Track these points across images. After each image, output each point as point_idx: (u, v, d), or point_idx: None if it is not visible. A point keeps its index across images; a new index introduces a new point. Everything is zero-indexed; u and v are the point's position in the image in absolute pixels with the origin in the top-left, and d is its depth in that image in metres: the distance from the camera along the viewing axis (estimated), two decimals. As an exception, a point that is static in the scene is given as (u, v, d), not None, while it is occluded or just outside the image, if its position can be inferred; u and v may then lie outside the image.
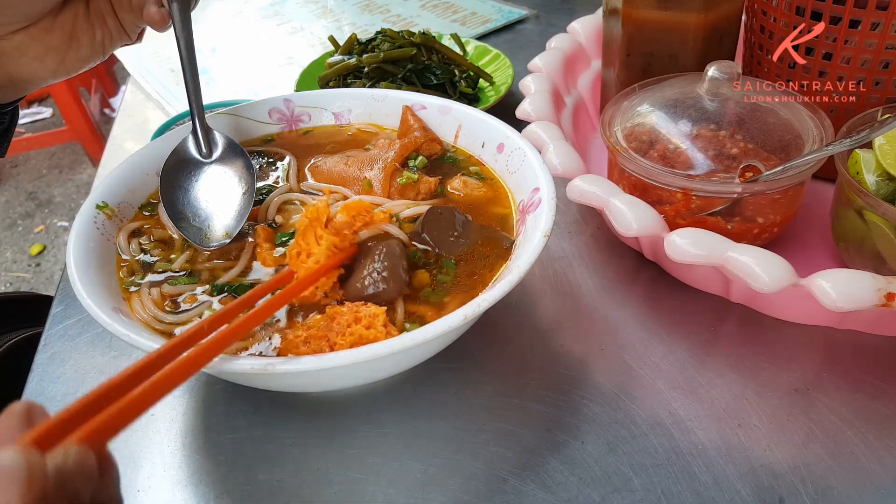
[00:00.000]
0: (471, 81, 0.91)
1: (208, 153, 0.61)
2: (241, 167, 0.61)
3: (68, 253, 0.51)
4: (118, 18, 0.60)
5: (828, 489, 0.45)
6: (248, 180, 0.60)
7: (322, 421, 0.52)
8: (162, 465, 0.49)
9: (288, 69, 1.08)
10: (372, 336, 0.46)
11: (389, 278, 0.51)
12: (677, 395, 0.52)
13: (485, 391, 0.53)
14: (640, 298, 0.61)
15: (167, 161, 0.60)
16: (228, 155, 0.62)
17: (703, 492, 0.45)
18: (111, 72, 2.99)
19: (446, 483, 0.47)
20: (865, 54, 0.61)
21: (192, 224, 0.57)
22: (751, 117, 0.60)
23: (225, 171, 0.61)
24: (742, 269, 0.49)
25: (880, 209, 0.51)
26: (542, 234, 0.49)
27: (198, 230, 0.57)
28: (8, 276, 2.25)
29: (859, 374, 0.52)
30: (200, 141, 0.61)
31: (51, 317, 0.63)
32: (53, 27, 0.57)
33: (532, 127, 0.65)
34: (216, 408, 0.53)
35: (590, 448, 0.48)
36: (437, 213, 0.57)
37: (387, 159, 0.62)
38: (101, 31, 0.59)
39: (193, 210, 0.58)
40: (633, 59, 0.72)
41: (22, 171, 2.73)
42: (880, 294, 0.46)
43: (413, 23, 1.21)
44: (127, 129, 0.99)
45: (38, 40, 0.56)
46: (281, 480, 0.48)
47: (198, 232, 0.57)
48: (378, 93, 0.71)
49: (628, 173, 0.60)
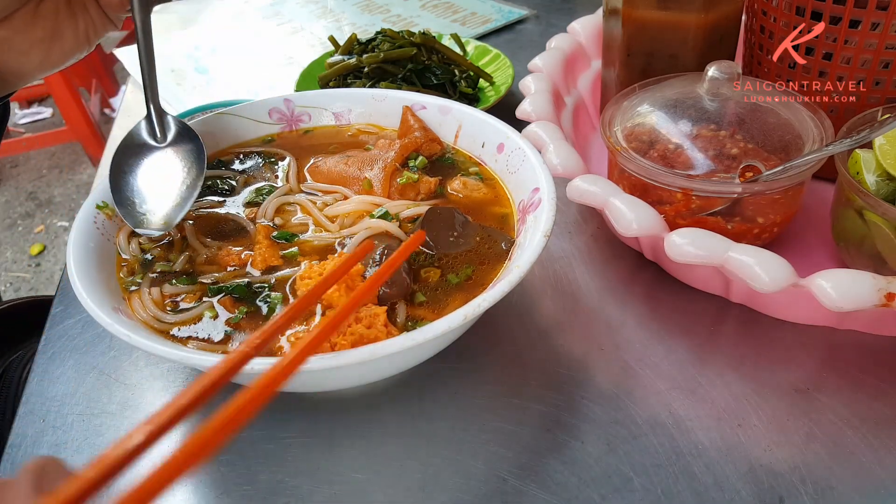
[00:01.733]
0: (471, 81, 0.91)
1: (162, 138, 0.61)
2: (191, 153, 0.60)
3: (68, 253, 0.51)
4: (100, 5, 0.59)
5: (828, 489, 0.45)
6: (198, 167, 0.59)
7: (322, 421, 0.52)
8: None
9: (288, 69, 1.08)
10: (373, 336, 0.46)
11: (392, 282, 0.50)
12: (677, 395, 0.52)
13: (485, 391, 0.53)
14: (640, 298, 0.61)
15: (119, 144, 0.59)
16: (181, 140, 0.60)
17: (703, 492, 0.45)
18: (111, 72, 2.99)
19: (446, 483, 0.47)
20: (865, 54, 0.61)
21: (138, 210, 0.57)
22: (751, 117, 0.60)
23: (175, 157, 0.60)
24: (742, 269, 0.49)
25: (880, 209, 0.51)
26: (542, 234, 0.49)
27: (140, 216, 0.56)
28: (8, 276, 2.26)
29: (859, 375, 0.52)
30: (154, 124, 0.60)
31: (51, 317, 0.63)
32: (35, 20, 0.56)
33: (532, 127, 0.65)
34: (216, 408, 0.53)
35: (590, 448, 0.48)
36: (436, 214, 0.57)
37: (387, 159, 0.62)
38: (84, 22, 0.59)
39: (139, 195, 0.57)
40: (633, 59, 0.72)
41: (22, 171, 2.73)
42: (880, 294, 0.46)
43: (413, 23, 1.21)
44: (127, 129, 0.98)
45: (21, 34, 0.56)
46: (281, 480, 0.48)
47: (140, 217, 0.56)
48: (378, 93, 0.71)
49: (628, 173, 0.60)
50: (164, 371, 0.56)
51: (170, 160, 0.60)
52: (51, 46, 0.57)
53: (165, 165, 0.59)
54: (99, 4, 0.59)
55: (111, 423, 0.53)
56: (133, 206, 0.57)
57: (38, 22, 0.56)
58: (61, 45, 0.58)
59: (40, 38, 0.57)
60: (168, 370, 0.56)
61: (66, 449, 0.51)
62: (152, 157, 0.60)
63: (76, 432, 0.52)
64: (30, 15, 0.56)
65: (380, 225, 0.56)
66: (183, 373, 0.56)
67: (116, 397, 0.55)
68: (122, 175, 0.58)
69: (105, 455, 0.24)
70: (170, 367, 0.57)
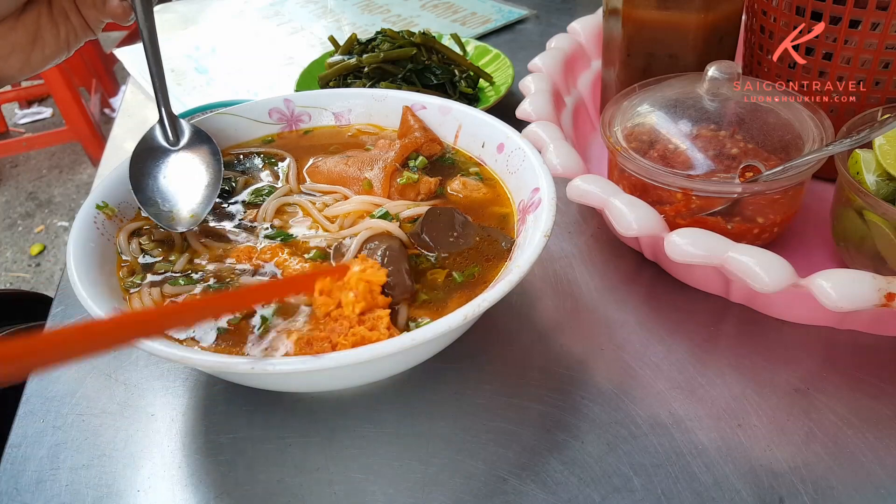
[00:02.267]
0: (471, 81, 0.91)
1: (175, 141, 0.63)
2: (208, 154, 0.62)
3: (68, 253, 0.51)
4: (81, 15, 0.60)
5: (828, 489, 0.45)
6: (215, 166, 0.62)
7: (322, 421, 0.52)
8: (162, 465, 0.49)
9: (288, 69, 1.08)
10: (374, 337, 0.46)
11: (394, 284, 0.50)
12: (677, 395, 0.52)
13: (485, 391, 0.53)
14: (640, 298, 0.61)
15: (136, 148, 0.61)
16: (195, 142, 0.63)
17: (703, 492, 0.45)
18: (111, 72, 2.99)
19: (446, 483, 0.47)
20: (865, 54, 0.61)
21: (162, 209, 0.59)
22: (751, 117, 0.60)
23: (192, 158, 0.62)
24: (742, 269, 0.49)
25: (880, 209, 0.51)
26: (542, 234, 0.49)
27: (167, 214, 0.58)
28: (8, 276, 2.26)
29: (859, 374, 0.52)
30: (167, 129, 0.62)
31: (51, 317, 0.63)
32: (17, 26, 0.57)
33: (532, 127, 0.65)
34: (216, 408, 0.53)
35: (590, 448, 0.48)
36: (436, 214, 0.57)
37: (387, 159, 0.62)
38: (65, 29, 0.59)
39: (162, 195, 0.60)
40: (633, 59, 0.72)
41: (22, 171, 2.73)
42: (880, 294, 0.46)
43: (413, 23, 1.21)
44: (127, 129, 0.99)
45: (2, 38, 0.56)
46: (281, 480, 0.48)
47: (167, 216, 0.58)
48: (378, 93, 0.71)
49: (628, 173, 0.60)
50: (164, 371, 0.56)
51: (188, 161, 0.62)
52: (31, 51, 0.58)
53: (184, 167, 0.62)
54: (80, 12, 0.60)
55: (111, 423, 0.53)
56: (157, 205, 0.59)
57: (18, 28, 0.57)
58: (41, 50, 0.58)
59: (21, 43, 0.57)
60: (168, 370, 0.56)
61: (66, 449, 0.51)
62: (170, 160, 0.62)
63: (76, 432, 0.52)
64: (11, 21, 0.56)
65: (380, 224, 0.56)
66: (183, 373, 0.56)
67: (116, 397, 0.55)
68: (142, 178, 0.60)
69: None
70: (170, 367, 0.57)
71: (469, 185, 0.62)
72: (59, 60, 0.61)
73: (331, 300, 0.48)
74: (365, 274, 0.49)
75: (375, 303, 0.49)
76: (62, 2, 0.59)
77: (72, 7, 0.59)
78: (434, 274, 0.53)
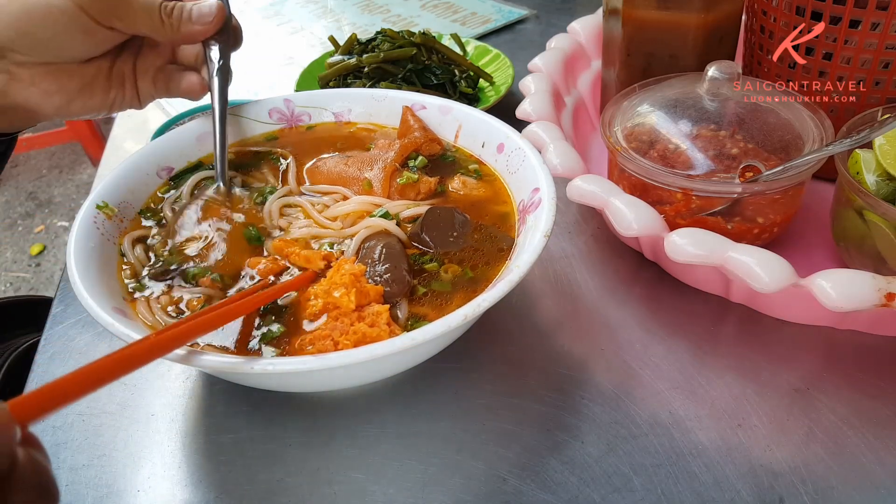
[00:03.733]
0: (471, 81, 0.91)
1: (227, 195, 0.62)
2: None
3: (68, 253, 0.51)
4: (137, 87, 0.61)
5: (828, 489, 0.45)
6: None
7: (322, 421, 0.52)
8: (162, 465, 0.49)
9: (288, 69, 1.08)
10: (375, 334, 0.46)
11: (392, 280, 0.51)
12: (677, 395, 0.52)
13: (485, 391, 0.53)
14: (640, 298, 0.61)
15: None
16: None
17: (703, 492, 0.45)
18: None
19: (446, 483, 0.47)
20: (865, 54, 0.61)
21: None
22: (751, 117, 0.60)
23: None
24: (742, 269, 0.49)
25: (880, 209, 0.51)
26: (542, 234, 0.49)
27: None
28: (8, 277, 2.26)
29: (859, 374, 0.52)
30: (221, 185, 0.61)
31: (51, 317, 0.63)
32: (74, 73, 0.57)
33: (532, 127, 0.65)
34: (216, 408, 0.53)
35: (590, 448, 0.48)
36: (436, 214, 0.57)
37: (387, 159, 0.62)
38: (116, 92, 0.60)
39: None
40: (633, 59, 0.72)
41: (22, 171, 2.73)
42: (880, 294, 0.46)
43: (413, 23, 1.21)
44: (127, 129, 0.99)
45: (54, 78, 0.56)
46: (281, 480, 0.48)
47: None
48: (378, 93, 0.71)
49: (628, 173, 0.60)
50: (164, 371, 0.56)
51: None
52: (75, 99, 0.58)
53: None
54: (136, 83, 0.61)
55: (111, 423, 0.53)
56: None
57: (75, 76, 0.57)
58: (85, 102, 0.59)
59: (69, 88, 0.57)
60: (168, 370, 0.56)
61: (66, 449, 0.51)
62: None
63: (76, 432, 0.52)
64: (72, 68, 0.57)
65: (378, 223, 0.56)
66: (183, 373, 0.56)
67: (116, 397, 0.55)
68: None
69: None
70: (170, 367, 0.57)
71: (469, 183, 0.62)
72: (95, 116, 0.61)
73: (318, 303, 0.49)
74: (343, 269, 0.50)
75: (366, 291, 0.49)
76: (124, 68, 0.60)
77: (130, 76, 0.60)
78: (434, 271, 0.53)
